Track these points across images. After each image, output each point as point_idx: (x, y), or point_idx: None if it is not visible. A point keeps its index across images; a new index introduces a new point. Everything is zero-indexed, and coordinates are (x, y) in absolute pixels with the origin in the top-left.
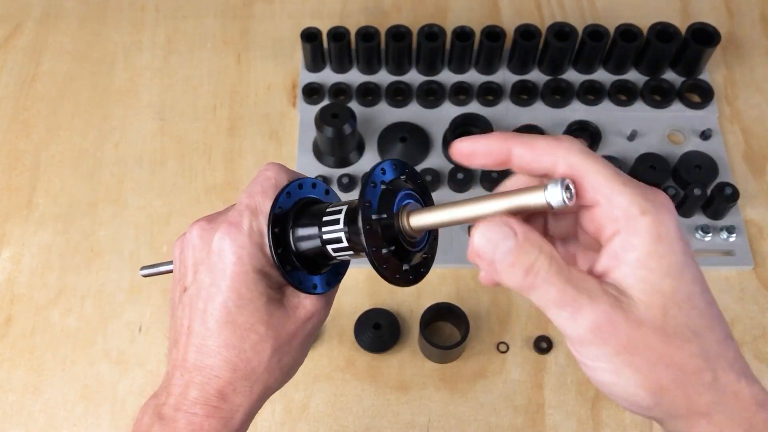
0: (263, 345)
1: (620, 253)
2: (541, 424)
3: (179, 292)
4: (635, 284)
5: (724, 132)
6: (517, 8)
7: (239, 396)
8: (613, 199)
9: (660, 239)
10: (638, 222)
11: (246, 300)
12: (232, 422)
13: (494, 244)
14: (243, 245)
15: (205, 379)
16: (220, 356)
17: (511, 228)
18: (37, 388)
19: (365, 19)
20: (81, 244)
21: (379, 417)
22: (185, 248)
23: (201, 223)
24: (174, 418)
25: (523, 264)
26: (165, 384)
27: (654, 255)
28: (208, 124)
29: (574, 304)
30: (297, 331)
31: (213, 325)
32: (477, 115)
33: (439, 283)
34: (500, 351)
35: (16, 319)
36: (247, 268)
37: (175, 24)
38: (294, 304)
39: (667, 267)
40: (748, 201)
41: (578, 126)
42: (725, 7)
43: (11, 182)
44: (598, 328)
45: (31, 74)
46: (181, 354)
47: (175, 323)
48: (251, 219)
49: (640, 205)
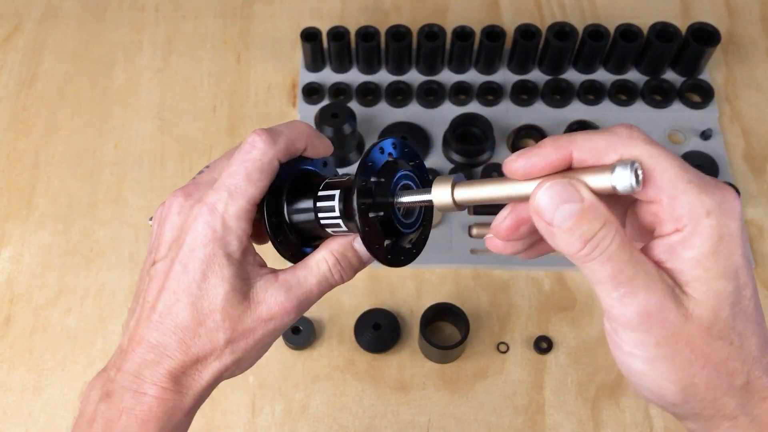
0: (217, 334)
1: (678, 248)
2: (541, 424)
3: (149, 264)
4: (690, 281)
5: (725, 132)
6: (517, 8)
7: (189, 379)
8: (678, 197)
9: (721, 241)
10: (702, 223)
11: (209, 285)
12: (182, 406)
13: (557, 203)
14: (215, 228)
15: (158, 358)
16: (175, 336)
17: (578, 190)
18: (36, 388)
19: (365, 19)
20: (81, 244)
21: (379, 417)
22: (163, 221)
23: (179, 198)
24: (121, 397)
25: (584, 232)
26: (116, 357)
27: (713, 256)
28: (208, 124)
29: (629, 284)
30: (255, 328)
31: (173, 305)
32: (477, 115)
33: (439, 283)
34: (500, 351)
35: (16, 319)
36: (215, 252)
37: (175, 24)
38: (258, 300)
39: (724, 269)
40: (749, 201)
41: (578, 126)
42: (725, 7)
43: (11, 182)
44: (647, 314)
45: (30, 74)
46: (138, 329)
47: (138, 295)
48: (228, 202)
49: (705, 205)
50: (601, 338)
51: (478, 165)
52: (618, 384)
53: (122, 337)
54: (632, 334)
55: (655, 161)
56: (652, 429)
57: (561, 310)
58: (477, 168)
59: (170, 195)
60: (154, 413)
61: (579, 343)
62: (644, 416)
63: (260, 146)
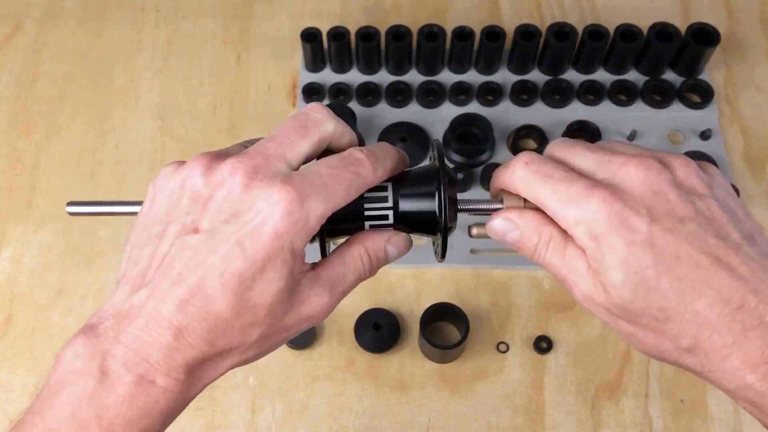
0: (253, 329)
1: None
2: (541, 424)
3: (179, 227)
4: (598, 274)
5: (724, 132)
6: (517, 8)
7: (204, 371)
8: (557, 217)
9: (596, 241)
10: (575, 232)
11: (265, 278)
12: (187, 398)
13: (503, 233)
14: (297, 221)
15: (177, 343)
16: (204, 324)
17: (513, 221)
18: (37, 387)
19: (365, 19)
20: (81, 244)
21: (379, 417)
22: (217, 187)
23: (248, 168)
24: (121, 380)
25: (526, 247)
26: (112, 322)
27: (597, 255)
28: (208, 124)
29: (566, 280)
30: (292, 326)
31: (213, 287)
32: (477, 115)
33: (439, 283)
34: (500, 351)
35: (16, 318)
36: (284, 246)
37: (175, 24)
38: (302, 299)
39: (612, 262)
40: (748, 201)
41: (578, 126)
42: (725, 8)
43: (11, 182)
44: (587, 300)
45: (31, 74)
46: (152, 300)
47: (154, 255)
48: (318, 202)
49: (572, 217)
50: (600, 338)
51: (478, 165)
52: (618, 384)
53: (116, 296)
54: (593, 310)
55: (535, 195)
56: (651, 428)
57: (561, 310)
58: (477, 168)
59: (225, 162)
60: (159, 406)
61: (579, 343)
62: (644, 416)
63: (368, 172)
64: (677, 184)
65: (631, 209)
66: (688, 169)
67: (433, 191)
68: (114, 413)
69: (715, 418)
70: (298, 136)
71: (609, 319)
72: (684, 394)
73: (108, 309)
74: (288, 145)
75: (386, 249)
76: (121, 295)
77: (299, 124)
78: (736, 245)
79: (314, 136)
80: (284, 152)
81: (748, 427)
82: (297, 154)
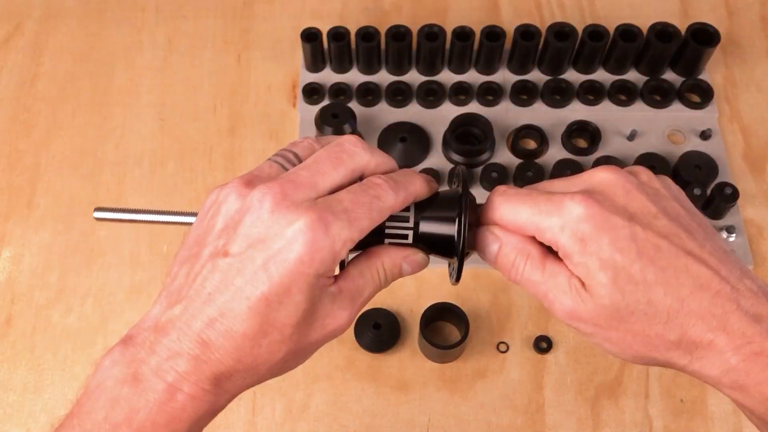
0: (280, 346)
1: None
2: (541, 424)
3: (212, 249)
4: (585, 279)
5: (724, 132)
6: (517, 8)
7: (232, 384)
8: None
9: (582, 241)
10: (560, 239)
11: (292, 301)
12: (214, 408)
13: (484, 246)
14: (320, 249)
15: (205, 356)
16: (231, 341)
17: (495, 234)
18: (37, 387)
19: (365, 19)
20: (81, 244)
21: (379, 417)
22: (246, 212)
23: (276, 196)
24: (152, 386)
25: (504, 262)
26: (148, 334)
27: (576, 260)
28: (209, 124)
29: (546, 297)
30: (318, 341)
31: (240, 309)
32: (477, 115)
33: (439, 283)
34: (500, 351)
35: (17, 318)
36: (310, 271)
37: (176, 24)
38: (326, 313)
39: (594, 265)
40: (748, 201)
41: (578, 126)
42: (725, 8)
43: (11, 182)
44: (569, 316)
45: (31, 74)
46: (185, 316)
47: (190, 274)
48: (342, 228)
49: (544, 225)
50: None
51: (478, 165)
52: (618, 383)
53: (155, 309)
54: (576, 326)
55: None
56: (651, 428)
57: None
58: (477, 168)
59: (257, 188)
60: (187, 413)
61: (578, 343)
62: (644, 415)
63: (388, 195)
64: (643, 186)
65: (610, 209)
66: (649, 174)
67: (454, 216)
68: (143, 417)
69: (715, 418)
70: (330, 166)
71: (594, 331)
72: (684, 394)
73: (146, 321)
74: (319, 174)
75: (402, 266)
76: (158, 309)
77: (333, 155)
78: (701, 240)
79: (346, 167)
80: (315, 181)
81: (748, 427)
82: (328, 184)
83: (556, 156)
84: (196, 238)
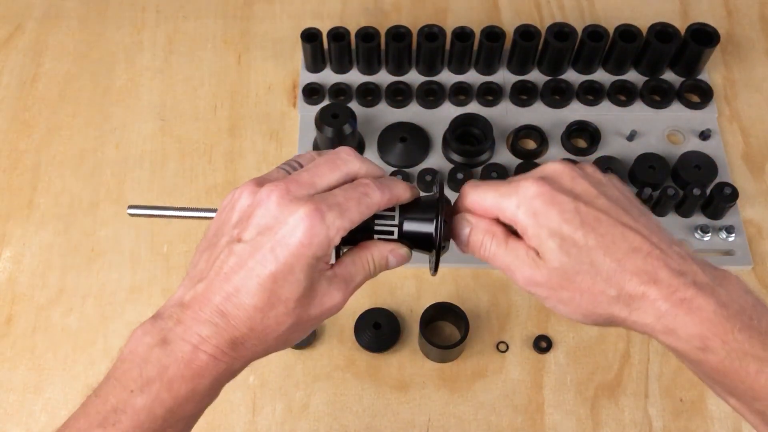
0: (285, 318)
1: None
2: (540, 424)
3: (229, 238)
4: (538, 248)
5: (724, 132)
6: (516, 8)
7: (246, 349)
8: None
9: (535, 215)
10: (517, 214)
11: (294, 279)
12: (231, 369)
13: (458, 230)
14: (317, 234)
15: (223, 324)
16: (244, 312)
17: (467, 219)
18: (37, 387)
19: (365, 19)
20: (82, 243)
21: (379, 416)
22: (257, 206)
23: (281, 191)
24: (179, 347)
25: (474, 241)
26: (174, 309)
27: (534, 233)
28: (209, 125)
29: (509, 269)
30: (317, 316)
31: (252, 285)
32: (477, 116)
33: (439, 283)
34: (500, 351)
35: (17, 318)
36: (309, 253)
37: (176, 24)
38: (323, 292)
39: (545, 233)
40: (747, 201)
41: (578, 126)
42: (724, 8)
43: (12, 182)
44: (528, 282)
45: (31, 74)
46: (207, 292)
47: (210, 259)
48: (335, 217)
49: (503, 205)
50: (600, 338)
51: (478, 165)
52: (617, 383)
53: (180, 291)
54: (534, 292)
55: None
56: (651, 428)
57: None
58: (477, 168)
59: (267, 186)
60: (209, 370)
61: (578, 343)
62: (643, 415)
63: (374, 193)
64: (587, 175)
65: (558, 190)
66: (593, 168)
67: (432, 217)
68: (172, 372)
69: (714, 418)
70: (327, 170)
71: (549, 294)
72: (683, 393)
73: (172, 300)
74: (318, 176)
75: (388, 258)
76: (182, 290)
77: (330, 162)
78: (636, 216)
79: (341, 171)
80: (314, 181)
81: (747, 427)
82: (325, 184)
83: (556, 156)
84: (215, 230)
